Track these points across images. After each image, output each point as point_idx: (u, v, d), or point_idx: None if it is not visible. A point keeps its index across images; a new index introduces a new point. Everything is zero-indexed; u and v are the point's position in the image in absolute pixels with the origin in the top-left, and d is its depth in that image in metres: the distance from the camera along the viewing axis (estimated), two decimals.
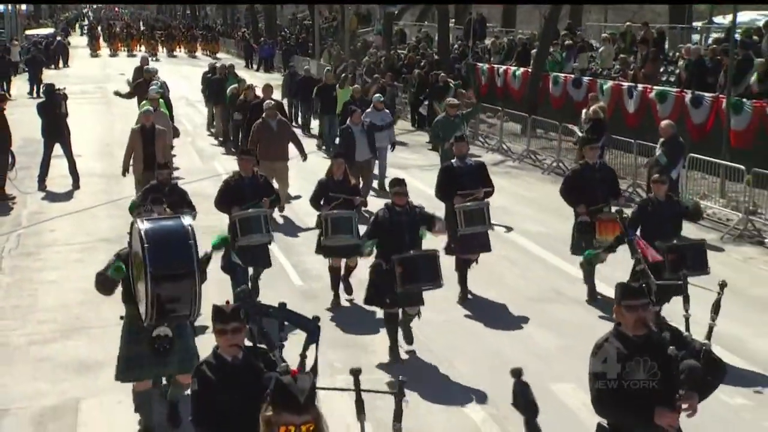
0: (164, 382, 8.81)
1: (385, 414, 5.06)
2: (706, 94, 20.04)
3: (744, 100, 18.86)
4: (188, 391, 7.07)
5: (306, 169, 17.55)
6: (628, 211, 10.90)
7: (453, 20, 36.26)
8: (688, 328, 6.23)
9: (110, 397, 9.37)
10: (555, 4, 27.83)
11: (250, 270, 11.13)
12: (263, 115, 16.10)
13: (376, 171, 17.77)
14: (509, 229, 15.43)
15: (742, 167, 16.07)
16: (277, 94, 22.12)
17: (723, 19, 26.78)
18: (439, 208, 12.21)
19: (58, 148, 19.28)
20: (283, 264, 13.52)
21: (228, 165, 21.26)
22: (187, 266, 6.57)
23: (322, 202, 11.61)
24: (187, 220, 6.91)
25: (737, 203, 16.21)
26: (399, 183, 10.00)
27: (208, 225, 12.13)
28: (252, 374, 5.83)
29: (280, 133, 15.78)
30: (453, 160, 12.34)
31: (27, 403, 9.41)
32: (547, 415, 5.74)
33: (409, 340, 10.21)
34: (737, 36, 20.64)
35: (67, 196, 18.76)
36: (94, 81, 40.68)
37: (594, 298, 11.78)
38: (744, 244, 14.62)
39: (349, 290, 11.82)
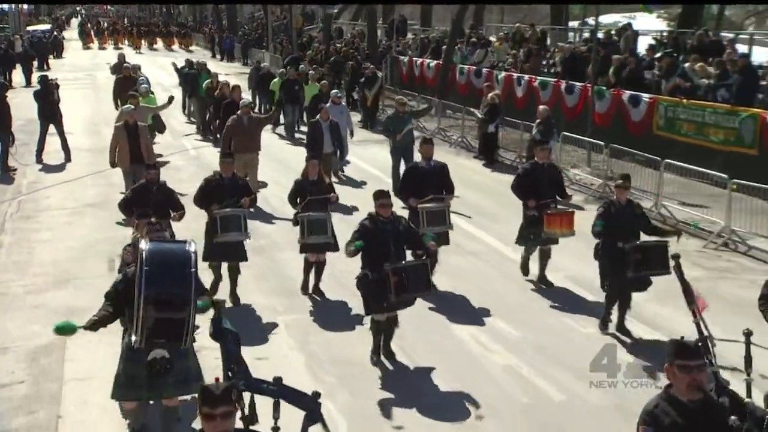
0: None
1: None
2: (577, 84, 20.18)
3: (604, 88, 19.05)
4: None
5: (273, 156, 17.56)
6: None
7: (380, 20, 36.17)
8: (749, 394, 4.68)
9: (92, 337, 9.17)
10: (461, 3, 27.85)
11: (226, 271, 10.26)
12: (238, 112, 14.91)
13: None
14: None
15: (602, 143, 16.31)
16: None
17: (593, 21, 27.14)
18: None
19: (52, 128, 18.97)
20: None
21: (196, 143, 21.13)
22: (184, 294, 5.34)
23: (298, 200, 10.54)
24: (192, 247, 5.67)
25: (599, 171, 16.45)
26: (384, 195, 8.56)
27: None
28: None
29: (251, 128, 14.70)
30: (418, 161, 11.21)
31: (23, 342, 9.34)
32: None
33: (390, 355, 8.74)
34: (600, 35, 20.82)
35: (60, 168, 18.44)
36: (85, 70, 39.86)
37: (526, 274, 11.01)
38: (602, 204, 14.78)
39: (320, 294, 10.52)
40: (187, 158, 19.12)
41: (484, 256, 12.10)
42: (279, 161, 17.73)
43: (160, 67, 37.66)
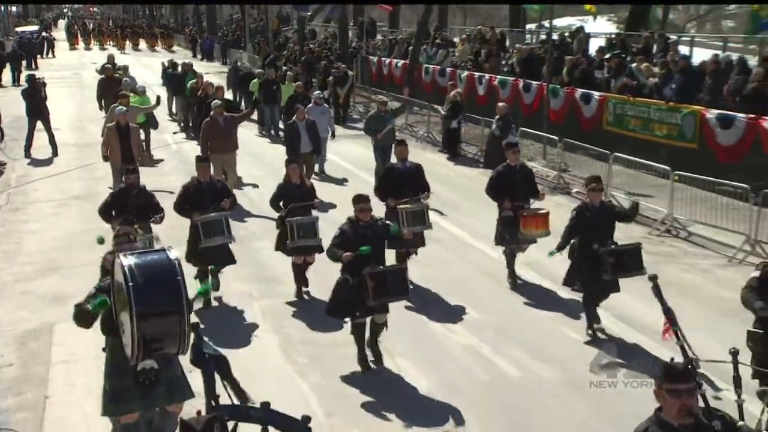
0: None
1: None
2: (534, 82, 20.23)
3: (559, 87, 19.15)
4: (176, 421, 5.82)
5: (251, 152, 17.46)
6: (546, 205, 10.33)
7: (351, 22, 36.05)
8: (742, 416, 4.32)
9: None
10: (427, 3, 27.80)
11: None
12: (211, 113, 14.14)
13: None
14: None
15: (556, 138, 16.39)
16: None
17: (548, 24, 27.24)
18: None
19: (40, 124, 18.74)
20: None
21: (177, 138, 20.95)
22: (175, 303, 4.91)
23: (281, 204, 9.91)
24: (173, 254, 5.16)
25: (554, 163, 16.57)
26: (363, 200, 8.07)
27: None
28: None
29: (226, 128, 13.94)
30: (394, 162, 10.71)
31: (12, 327, 9.30)
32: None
33: (379, 359, 8.19)
34: (555, 38, 20.94)
35: (48, 162, 18.24)
36: (72, 69, 39.39)
37: (514, 282, 10.38)
38: (557, 194, 14.83)
39: (305, 282, 10.09)
40: (168, 152, 18.99)
41: (447, 244, 12.13)
42: (255, 156, 17.68)
43: (144, 66, 37.37)
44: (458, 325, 9.22)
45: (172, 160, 18.05)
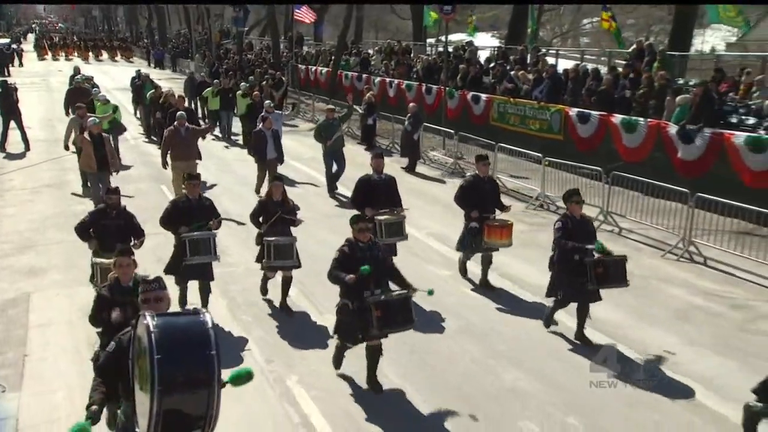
0: None
1: None
2: (434, 86, 20.32)
3: (454, 90, 19.26)
4: None
5: (214, 155, 16.88)
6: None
7: (283, 36, 35.41)
8: None
9: (50, 292, 8.94)
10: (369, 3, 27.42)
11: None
12: (175, 123, 12.54)
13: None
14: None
15: (453, 131, 16.53)
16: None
17: (444, 39, 27.40)
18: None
19: (13, 123, 17.80)
20: None
21: (136, 136, 20.14)
22: (205, 379, 3.60)
23: (261, 219, 8.33)
24: (209, 319, 3.79)
25: (451, 152, 16.70)
26: (362, 220, 6.64)
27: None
28: None
29: (188, 138, 12.36)
30: (371, 173, 9.10)
31: None
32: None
33: (377, 387, 6.59)
34: (450, 50, 21.07)
35: (21, 156, 17.30)
36: (40, 76, 37.58)
37: (464, 275, 9.35)
38: (455, 177, 14.95)
39: (289, 313, 8.35)
40: (126, 147, 18.21)
41: (345, 206, 11.98)
42: (219, 159, 17.02)
43: (104, 74, 35.91)
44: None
45: (131, 153, 17.39)
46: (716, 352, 7.18)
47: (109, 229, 7.56)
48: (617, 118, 14.31)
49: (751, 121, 12.63)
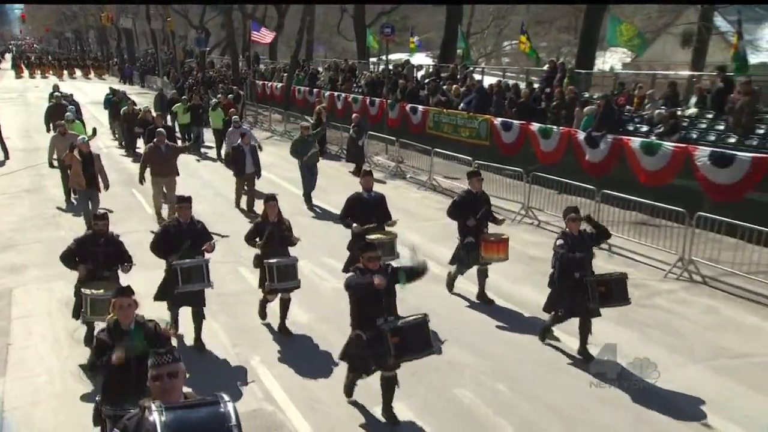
0: None
1: None
2: (377, 99, 20.31)
3: (394, 102, 19.26)
4: None
5: (188, 168, 15.74)
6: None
7: (241, 55, 34.89)
8: None
9: (31, 286, 8.59)
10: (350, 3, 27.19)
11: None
12: (155, 140, 11.45)
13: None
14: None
15: (394, 138, 16.52)
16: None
17: (385, 58, 27.47)
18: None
19: None
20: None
21: (108, 143, 19.49)
22: None
23: (257, 240, 7.19)
24: (230, 410, 2.77)
25: (393, 157, 16.70)
26: (371, 248, 5.54)
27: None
28: None
29: (168, 155, 11.31)
30: (360, 191, 8.14)
31: None
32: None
33: (394, 420, 5.55)
34: (391, 67, 21.09)
35: (1, 164, 16.53)
36: (18, 91, 36.05)
37: (450, 289, 8.39)
38: (396, 179, 14.98)
39: (287, 333, 7.29)
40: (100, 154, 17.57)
41: (321, 218, 11.86)
42: (193, 172, 16.28)
43: (78, 90, 34.54)
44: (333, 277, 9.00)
45: (102, 160, 16.68)
46: (618, 323, 7.42)
47: (97, 257, 6.44)
48: (535, 126, 14.60)
49: (645, 128, 13.13)
